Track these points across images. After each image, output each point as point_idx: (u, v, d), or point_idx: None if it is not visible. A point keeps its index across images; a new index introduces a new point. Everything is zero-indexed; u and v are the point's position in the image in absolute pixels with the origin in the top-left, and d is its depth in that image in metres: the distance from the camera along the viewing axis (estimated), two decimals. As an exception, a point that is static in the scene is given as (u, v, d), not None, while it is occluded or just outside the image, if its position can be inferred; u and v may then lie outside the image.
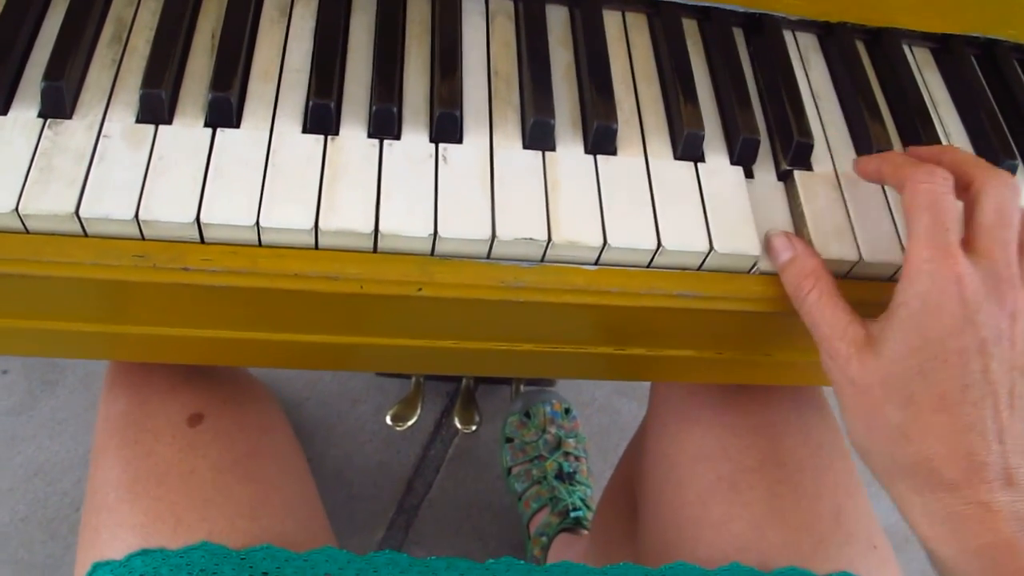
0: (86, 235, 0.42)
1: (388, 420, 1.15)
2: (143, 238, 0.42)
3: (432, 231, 0.43)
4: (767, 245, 0.47)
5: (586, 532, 1.07)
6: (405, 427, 1.15)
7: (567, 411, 1.20)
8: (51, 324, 0.47)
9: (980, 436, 0.38)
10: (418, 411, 1.17)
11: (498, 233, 0.43)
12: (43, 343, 0.49)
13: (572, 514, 1.08)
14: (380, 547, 1.16)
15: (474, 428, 1.17)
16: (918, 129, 0.53)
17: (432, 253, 0.44)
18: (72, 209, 0.41)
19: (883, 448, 0.41)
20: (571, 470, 1.13)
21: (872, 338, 0.41)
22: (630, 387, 1.33)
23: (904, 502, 0.41)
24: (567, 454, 1.15)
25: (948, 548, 0.39)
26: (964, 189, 0.42)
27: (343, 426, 1.23)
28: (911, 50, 0.59)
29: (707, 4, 0.55)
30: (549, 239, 0.44)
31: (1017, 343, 0.39)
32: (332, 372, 1.28)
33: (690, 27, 0.56)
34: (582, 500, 1.10)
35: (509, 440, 1.18)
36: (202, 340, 0.48)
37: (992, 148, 0.54)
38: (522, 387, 1.23)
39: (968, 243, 0.40)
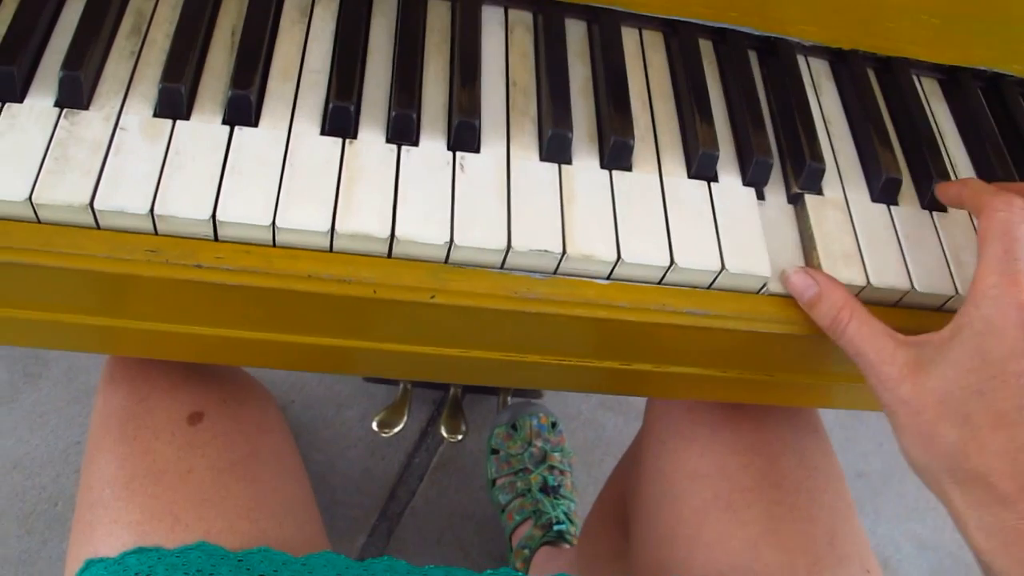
0: (99, 227, 0.42)
1: (374, 426, 1.15)
2: (156, 233, 0.42)
3: (448, 239, 0.43)
4: (785, 283, 0.47)
5: (568, 546, 1.07)
6: (391, 434, 1.15)
7: (554, 425, 1.20)
8: (55, 316, 0.46)
9: None
10: (404, 418, 1.16)
11: (513, 244, 0.43)
12: (44, 334, 0.48)
13: (555, 527, 1.07)
14: (362, 553, 1.15)
15: (460, 437, 1.16)
16: (926, 158, 0.53)
17: (446, 261, 0.44)
18: (86, 201, 0.41)
19: (940, 464, 0.42)
20: (556, 484, 1.13)
21: (924, 358, 0.42)
22: (616, 401, 1.33)
23: (959, 516, 0.42)
24: (552, 468, 1.15)
25: (1002, 561, 0.40)
26: None
27: (328, 430, 1.23)
28: (920, 80, 0.60)
29: (723, 26, 0.55)
30: (564, 252, 0.44)
31: None
32: (318, 375, 1.27)
33: (706, 48, 0.56)
34: (565, 514, 1.10)
35: (495, 452, 1.18)
36: (207, 338, 0.48)
37: (996, 180, 0.54)
38: (509, 399, 1.23)
39: None
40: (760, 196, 0.50)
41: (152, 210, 0.41)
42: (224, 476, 0.54)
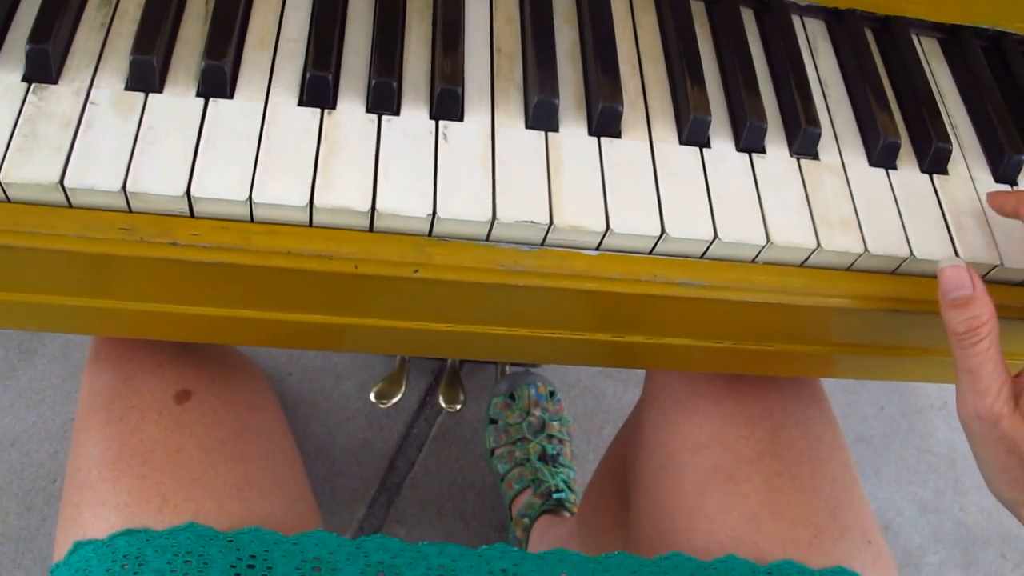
0: (71, 206, 0.41)
1: (372, 397, 1.14)
2: (130, 211, 0.41)
3: (431, 211, 0.42)
4: (940, 274, 0.44)
5: (568, 514, 1.07)
6: (389, 405, 1.14)
7: (552, 394, 1.19)
8: (33, 297, 0.45)
9: None
10: (402, 389, 1.15)
11: (498, 215, 0.42)
12: (24, 317, 0.48)
13: (555, 496, 1.07)
14: (361, 524, 1.15)
15: (458, 407, 1.16)
16: (925, 120, 0.52)
17: (430, 234, 0.43)
18: (56, 179, 0.39)
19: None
20: (554, 452, 1.13)
21: (1021, 394, 0.42)
22: (615, 369, 1.32)
23: None
24: (551, 436, 1.14)
25: None
26: None
27: (326, 402, 1.22)
28: (919, 40, 0.58)
29: (716, -15, 0.54)
30: (551, 223, 0.43)
31: None
32: (317, 348, 1.26)
33: (698, 8, 0.54)
34: (565, 482, 1.10)
35: (493, 421, 1.17)
36: (190, 317, 0.47)
37: (998, 142, 0.53)
38: (507, 368, 1.22)
39: None
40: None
41: (125, 187, 0.40)
42: (213, 455, 0.54)
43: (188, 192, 0.40)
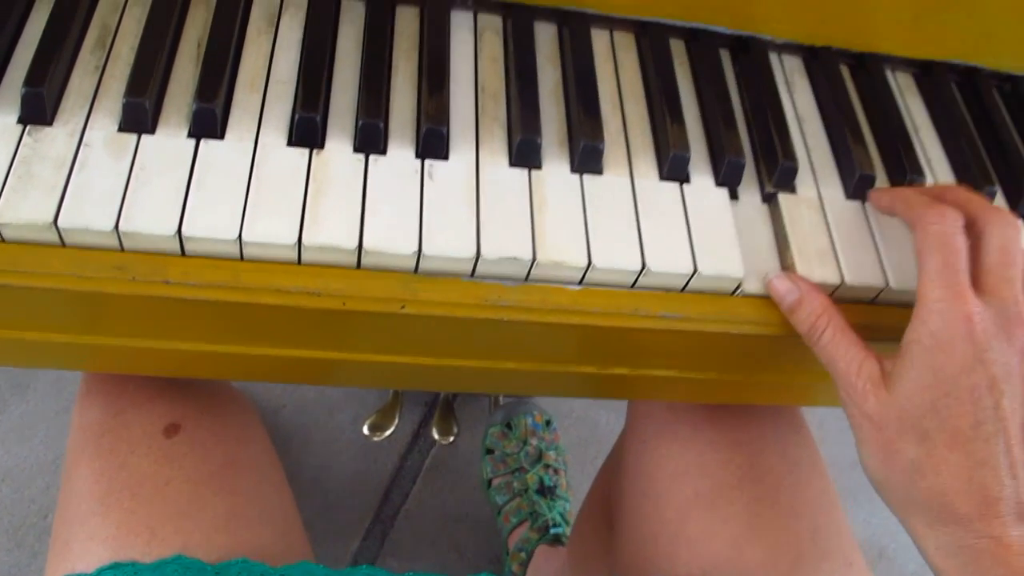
0: (64, 245, 0.42)
1: (365, 430, 1.15)
2: (123, 249, 0.42)
3: (416, 248, 0.43)
4: (768, 287, 0.47)
5: (563, 547, 1.07)
6: (383, 437, 1.15)
7: (548, 423, 1.20)
8: (25, 334, 0.46)
9: (993, 471, 0.39)
10: (396, 421, 1.16)
11: (483, 252, 0.43)
12: (16, 353, 0.48)
13: (552, 530, 1.07)
14: (356, 557, 1.15)
15: (452, 439, 1.16)
16: (900, 154, 0.53)
17: (416, 270, 0.44)
18: (50, 219, 0.40)
19: (898, 482, 0.42)
20: (552, 484, 1.13)
21: (887, 374, 0.42)
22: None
23: (918, 535, 0.42)
24: (548, 467, 1.15)
25: None
26: (968, 227, 0.43)
27: (320, 434, 1.22)
28: (894, 75, 0.60)
29: (695, 25, 0.55)
30: (534, 258, 0.44)
31: None
32: (309, 380, 1.26)
33: (677, 47, 0.56)
34: (561, 515, 1.10)
35: (490, 451, 1.18)
36: (181, 353, 0.48)
37: (971, 174, 0.54)
38: (502, 398, 1.23)
39: (975, 281, 0.41)
40: (734, 196, 0.50)
41: (117, 227, 0.41)
42: (201, 488, 0.54)
43: (179, 231, 0.41)
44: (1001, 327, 0.40)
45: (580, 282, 0.45)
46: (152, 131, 0.44)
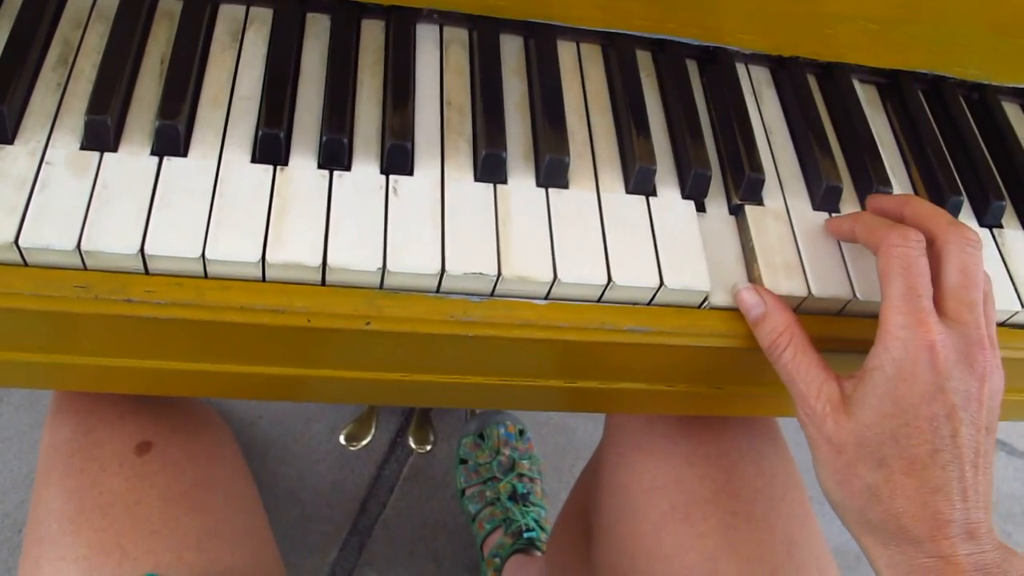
0: (26, 265, 0.41)
1: (342, 440, 1.14)
2: (85, 268, 0.42)
3: (381, 265, 0.42)
4: (736, 299, 0.47)
5: (539, 553, 1.07)
6: (359, 447, 1.14)
7: (521, 432, 1.20)
8: (-8, 353, 0.46)
9: (946, 497, 0.40)
10: (372, 431, 1.16)
11: (448, 268, 0.43)
12: (-17, 372, 0.48)
13: (525, 535, 1.07)
14: (333, 567, 1.14)
15: (429, 448, 1.16)
16: (866, 164, 0.54)
17: (381, 287, 0.43)
18: (11, 238, 0.40)
19: (854, 504, 0.42)
20: (525, 491, 1.13)
21: (847, 398, 0.42)
22: (587, 406, 1.32)
23: (871, 553, 0.42)
24: (521, 475, 1.15)
25: None
26: (928, 244, 0.43)
27: (296, 445, 1.22)
28: (861, 85, 0.60)
29: (662, 37, 0.55)
30: (499, 274, 0.44)
31: (984, 402, 0.41)
32: (286, 390, 1.25)
33: (644, 59, 0.56)
34: (536, 521, 1.10)
35: (463, 461, 1.17)
36: (148, 371, 0.47)
37: (938, 184, 0.55)
38: (477, 408, 1.23)
39: (937, 305, 0.42)
40: (700, 208, 0.50)
41: (79, 246, 0.40)
42: (173, 506, 0.54)
43: (142, 250, 0.41)
44: (963, 353, 0.41)
45: (546, 297, 0.45)
46: (115, 149, 0.44)
